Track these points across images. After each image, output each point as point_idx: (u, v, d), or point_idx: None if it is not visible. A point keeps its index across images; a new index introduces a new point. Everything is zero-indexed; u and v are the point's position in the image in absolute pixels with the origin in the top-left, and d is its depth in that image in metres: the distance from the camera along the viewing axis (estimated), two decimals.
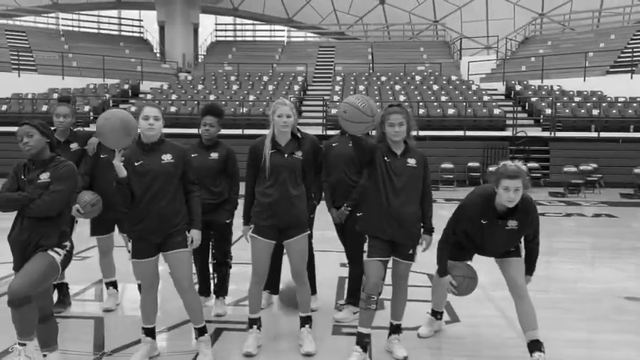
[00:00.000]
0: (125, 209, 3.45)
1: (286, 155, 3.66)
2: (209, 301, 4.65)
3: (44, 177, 3.07)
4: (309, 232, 3.74)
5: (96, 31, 29.22)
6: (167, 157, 3.43)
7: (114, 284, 4.67)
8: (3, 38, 24.05)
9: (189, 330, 4.10)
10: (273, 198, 3.62)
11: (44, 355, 3.19)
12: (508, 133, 16.70)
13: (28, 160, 3.16)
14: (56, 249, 3.06)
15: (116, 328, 4.20)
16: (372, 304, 3.46)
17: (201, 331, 3.58)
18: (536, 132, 16.76)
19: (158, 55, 28.24)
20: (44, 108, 18.38)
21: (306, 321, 3.76)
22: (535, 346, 3.43)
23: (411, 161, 3.58)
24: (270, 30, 32.86)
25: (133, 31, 29.98)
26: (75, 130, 4.57)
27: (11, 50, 22.76)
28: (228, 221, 4.35)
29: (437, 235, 3.69)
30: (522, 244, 3.69)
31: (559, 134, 16.31)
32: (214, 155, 4.30)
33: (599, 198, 12.97)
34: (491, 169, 13.84)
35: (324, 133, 16.81)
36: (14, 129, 3.34)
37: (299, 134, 3.75)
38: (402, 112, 3.55)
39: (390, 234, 3.50)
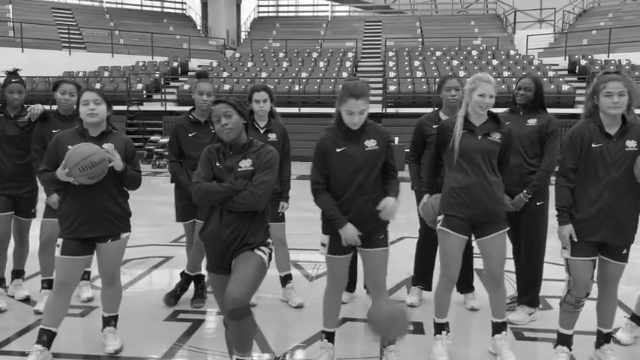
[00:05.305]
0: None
1: (480, 137, 3.20)
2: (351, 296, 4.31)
3: (245, 164, 2.65)
4: (508, 227, 3.28)
5: (139, 7, 28.89)
6: (371, 144, 2.99)
7: None
8: (50, 16, 23.87)
9: (354, 331, 3.75)
10: (464, 184, 3.17)
11: None
12: (578, 110, 15.85)
13: (222, 144, 2.73)
14: (262, 247, 2.66)
15: (269, 327, 3.84)
16: (579, 308, 3.13)
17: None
18: None
19: (201, 32, 27.83)
20: (97, 86, 18.16)
21: (501, 327, 3.31)
22: None
23: (631, 144, 3.04)
24: (313, 5, 32.06)
25: (175, 8, 29.57)
26: None
27: (60, 28, 22.57)
28: None
29: None
30: None
31: (636, 111, 15.40)
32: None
33: None
34: None
35: (384, 110, 16.26)
36: None
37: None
38: (622, 80, 3.01)
39: (603, 235, 3.04)
